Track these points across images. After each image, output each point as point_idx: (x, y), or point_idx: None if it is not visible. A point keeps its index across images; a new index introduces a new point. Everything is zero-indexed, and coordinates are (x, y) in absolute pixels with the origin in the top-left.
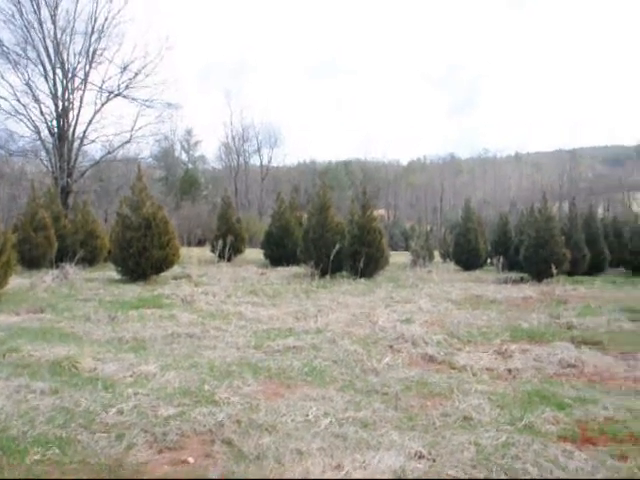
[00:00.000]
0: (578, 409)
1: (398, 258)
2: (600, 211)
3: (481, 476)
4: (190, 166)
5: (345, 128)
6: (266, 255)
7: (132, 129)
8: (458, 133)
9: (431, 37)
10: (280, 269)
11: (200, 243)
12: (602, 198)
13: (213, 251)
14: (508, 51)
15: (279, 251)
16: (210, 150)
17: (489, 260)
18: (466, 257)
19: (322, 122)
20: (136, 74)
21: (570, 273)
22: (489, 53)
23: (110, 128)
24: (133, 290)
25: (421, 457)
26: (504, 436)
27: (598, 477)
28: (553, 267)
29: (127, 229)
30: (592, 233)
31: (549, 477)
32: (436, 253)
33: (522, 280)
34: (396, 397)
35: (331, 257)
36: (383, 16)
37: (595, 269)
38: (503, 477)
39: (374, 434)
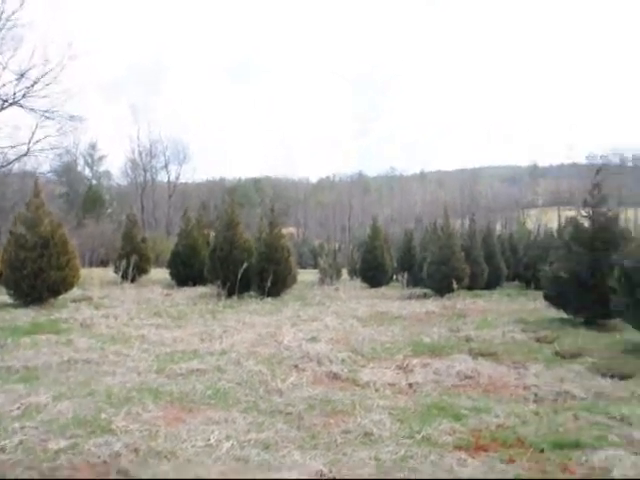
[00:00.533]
0: (473, 418)
1: (307, 276)
2: (498, 228)
3: None
4: (94, 182)
5: (255, 145)
6: (172, 275)
7: (29, 141)
8: (366, 152)
9: (335, 51)
10: (186, 289)
11: (103, 263)
12: (500, 215)
13: (116, 272)
14: (414, 75)
15: (186, 271)
16: (116, 165)
17: (395, 276)
18: (373, 274)
19: (232, 139)
20: (35, 82)
21: (470, 287)
22: (395, 74)
23: (5, 140)
24: (27, 314)
25: (322, 475)
26: (403, 450)
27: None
28: (454, 282)
29: (21, 249)
30: (490, 249)
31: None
32: (344, 271)
33: (425, 295)
34: (299, 416)
35: (239, 276)
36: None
37: (493, 283)
38: None
39: (276, 455)
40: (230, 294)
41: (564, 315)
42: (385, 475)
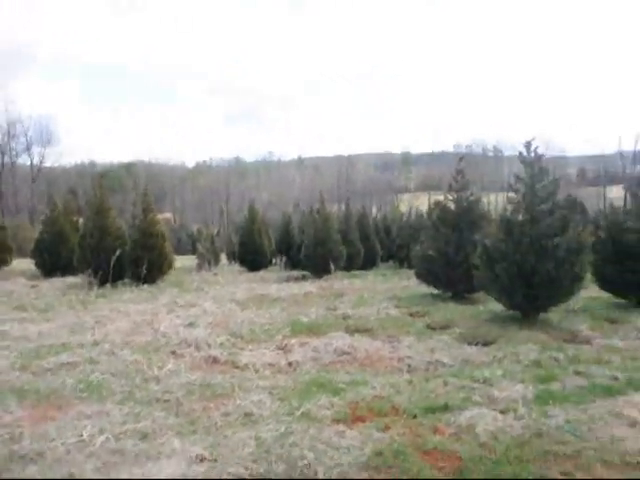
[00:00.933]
0: (351, 392)
1: (185, 262)
2: (373, 211)
3: (261, 470)
4: None
5: (128, 129)
6: (37, 265)
7: None
8: (244, 137)
9: (214, 44)
10: (54, 280)
11: None
12: (375, 199)
13: None
14: (290, 63)
15: (52, 260)
16: None
17: (274, 260)
18: (251, 258)
19: (103, 122)
20: None
21: (347, 268)
22: (271, 64)
23: None
24: None
25: (203, 460)
26: (283, 427)
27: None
28: (331, 264)
29: None
30: (365, 231)
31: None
32: (223, 255)
33: (304, 277)
34: (177, 403)
35: (111, 264)
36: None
37: (369, 264)
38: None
39: (154, 444)
40: (103, 283)
41: (434, 291)
42: (266, 454)
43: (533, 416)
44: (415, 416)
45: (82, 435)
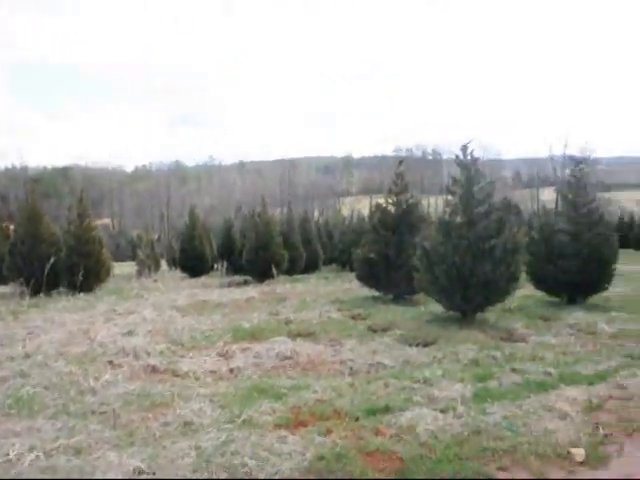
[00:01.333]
0: (293, 397)
1: (124, 269)
2: (316, 215)
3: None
4: None
5: (63, 132)
6: None
7: None
8: (184, 141)
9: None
10: None
11: None
12: (317, 203)
13: None
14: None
15: None
16: None
17: (216, 265)
18: (193, 264)
19: (36, 124)
20: None
21: (289, 272)
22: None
23: None
24: None
25: (141, 472)
26: (224, 435)
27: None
28: (273, 268)
29: None
30: (307, 235)
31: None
32: (163, 262)
33: (246, 282)
34: (114, 415)
35: (45, 272)
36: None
37: (311, 267)
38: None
39: (89, 459)
40: (36, 292)
41: (376, 293)
42: (207, 464)
43: (472, 414)
44: (357, 419)
45: (9, 454)
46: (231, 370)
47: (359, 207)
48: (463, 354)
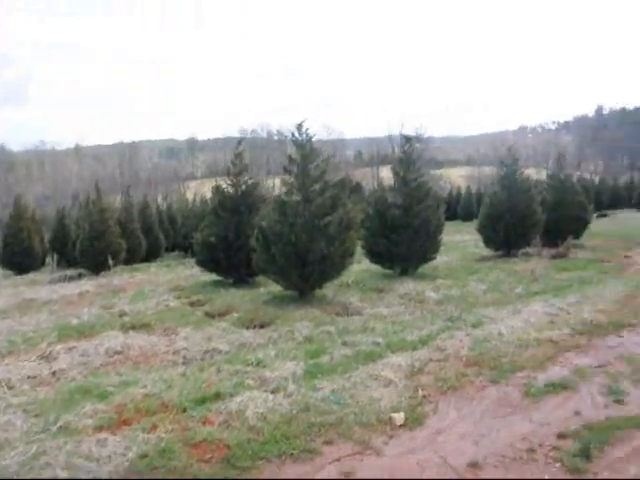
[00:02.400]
0: (119, 394)
1: None
2: (159, 200)
3: None
4: None
5: None
6: None
7: None
8: (8, 123)
9: None
10: None
11: None
12: (161, 188)
13: None
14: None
15: None
16: None
17: (48, 260)
18: (19, 259)
19: None
20: None
21: (128, 262)
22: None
23: None
24: None
25: None
26: (34, 448)
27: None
28: (109, 258)
29: None
30: (148, 222)
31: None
32: None
33: (80, 276)
34: None
35: None
36: None
37: (152, 255)
38: None
39: None
40: None
41: (217, 277)
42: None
43: (302, 391)
44: (185, 410)
45: None
46: (53, 373)
47: (204, 190)
48: (299, 332)
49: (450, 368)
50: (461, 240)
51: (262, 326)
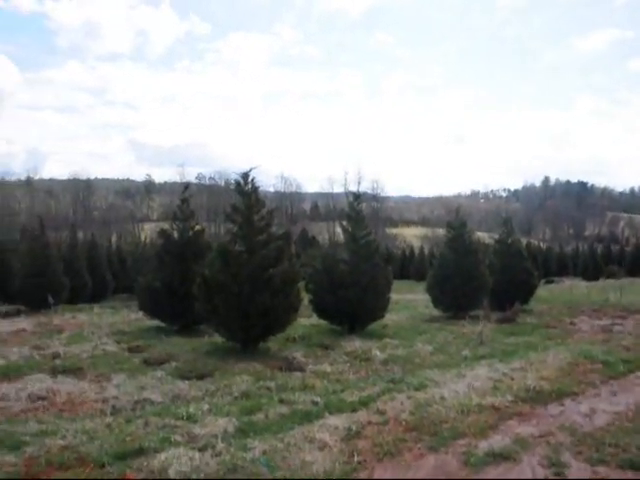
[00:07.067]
0: (34, 445)
1: None
2: (114, 240)
3: None
4: None
5: None
6: None
7: None
8: None
9: None
10: None
11: None
12: (115, 228)
13: None
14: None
15: None
16: None
17: None
18: None
19: None
20: None
21: (72, 301)
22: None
23: None
24: None
25: None
26: None
27: None
28: (50, 296)
29: None
30: (95, 261)
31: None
32: None
33: (19, 312)
34: None
35: None
36: None
37: (99, 296)
38: None
39: None
40: None
41: (161, 324)
42: None
43: (231, 450)
44: (103, 465)
45: None
46: None
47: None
48: (237, 386)
49: (389, 433)
50: (412, 299)
51: (200, 377)
